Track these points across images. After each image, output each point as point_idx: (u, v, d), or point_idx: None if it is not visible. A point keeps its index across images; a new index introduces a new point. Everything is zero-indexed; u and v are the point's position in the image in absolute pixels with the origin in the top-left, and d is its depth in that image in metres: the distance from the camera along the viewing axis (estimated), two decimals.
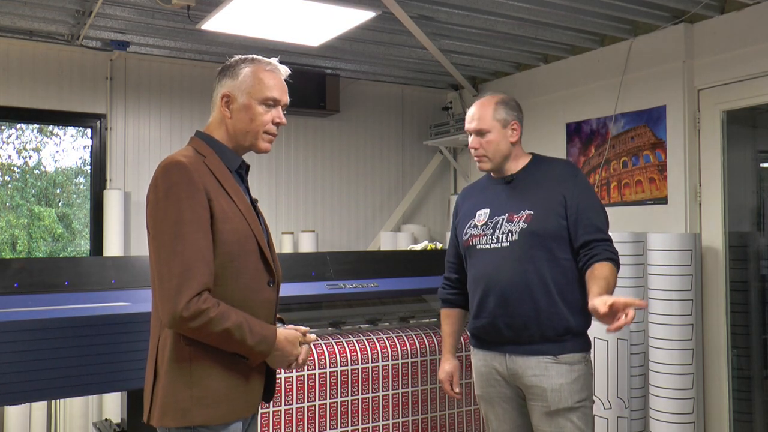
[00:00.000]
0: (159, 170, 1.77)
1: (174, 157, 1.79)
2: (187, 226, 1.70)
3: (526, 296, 2.33)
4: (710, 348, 3.87)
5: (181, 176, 1.73)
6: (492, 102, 2.47)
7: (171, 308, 1.66)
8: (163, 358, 1.76)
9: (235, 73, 1.88)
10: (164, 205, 1.72)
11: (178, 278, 1.67)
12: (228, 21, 3.65)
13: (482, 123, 2.46)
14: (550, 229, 2.34)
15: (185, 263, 1.68)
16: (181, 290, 1.66)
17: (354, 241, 5.68)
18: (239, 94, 1.86)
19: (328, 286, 3.02)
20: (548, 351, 2.33)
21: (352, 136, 5.71)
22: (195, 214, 1.72)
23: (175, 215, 1.70)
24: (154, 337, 1.82)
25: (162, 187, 1.73)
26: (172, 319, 1.67)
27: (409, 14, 3.93)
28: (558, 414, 2.31)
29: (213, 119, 1.92)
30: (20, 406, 3.65)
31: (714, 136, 3.92)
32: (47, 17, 4.05)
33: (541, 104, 4.94)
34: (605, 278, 2.21)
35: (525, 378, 2.36)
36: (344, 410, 2.83)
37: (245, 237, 1.82)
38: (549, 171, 2.46)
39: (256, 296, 1.84)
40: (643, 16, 4.01)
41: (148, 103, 4.91)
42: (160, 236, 1.72)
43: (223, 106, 1.87)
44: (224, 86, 1.88)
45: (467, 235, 2.50)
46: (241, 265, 1.80)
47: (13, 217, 5.13)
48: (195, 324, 1.67)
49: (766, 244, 4.02)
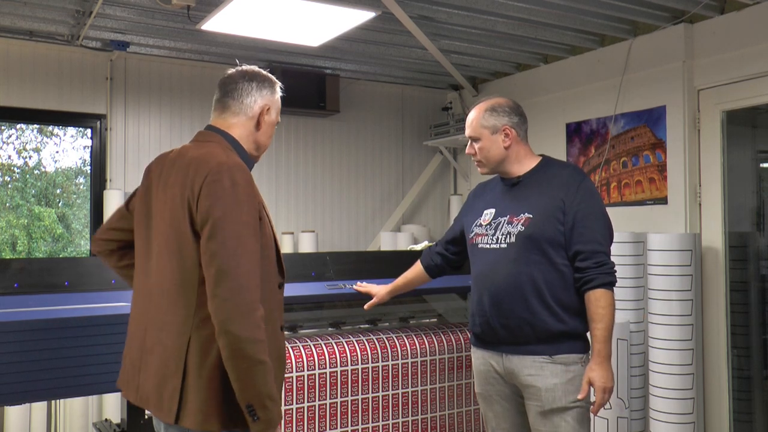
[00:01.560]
0: (216, 166, 1.75)
1: (230, 156, 1.80)
2: (247, 228, 1.72)
3: (518, 298, 2.35)
4: (710, 348, 3.87)
5: (243, 178, 1.75)
6: (481, 109, 2.49)
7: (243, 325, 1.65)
8: (197, 359, 1.72)
9: (274, 90, 2.00)
10: (227, 204, 1.71)
11: (248, 293, 1.67)
12: (228, 21, 3.65)
13: (472, 130, 2.52)
14: (546, 233, 2.35)
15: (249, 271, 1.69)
16: (254, 309, 1.67)
17: (354, 241, 5.68)
18: (273, 110, 1.99)
19: (328, 286, 3.02)
20: (543, 351, 2.35)
21: (352, 136, 5.72)
22: (252, 218, 1.74)
23: (236, 217, 1.71)
24: (175, 336, 1.76)
25: (224, 185, 1.72)
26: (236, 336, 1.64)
27: (409, 14, 3.93)
28: (552, 413, 2.32)
29: (238, 121, 1.94)
30: (20, 406, 3.65)
31: (714, 136, 3.92)
32: (47, 17, 4.06)
33: (541, 104, 4.94)
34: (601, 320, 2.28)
35: (521, 377, 2.37)
36: (344, 410, 2.83)
37: (272, 241, 1.88)
38: (555, 176, 2.45)
39: (274, 298, 1.88)
40: (643, 16, 4.01)
41: (148, 103, 4.91)
42: (220, 235, 1.69)
43: (264, 116, 1.96)
44: (265, 98, 1.97)
45: (472, 233, 2.53)
46: (268, 269, 1.84)
47: (13, 218, 5.13)
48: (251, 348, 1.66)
49: (766, 244, 4.03)
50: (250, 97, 1.94)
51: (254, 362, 1.66)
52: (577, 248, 2.33)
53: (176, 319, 1.77)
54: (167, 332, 1.78)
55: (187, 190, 1.76)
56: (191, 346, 1.73)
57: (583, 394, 2.29)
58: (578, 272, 2.34)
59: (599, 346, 2.28)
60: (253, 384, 1.67)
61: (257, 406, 1.67)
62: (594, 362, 2.28)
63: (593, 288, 2.30)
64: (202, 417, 1.71)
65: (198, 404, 1.71)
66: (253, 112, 1.94)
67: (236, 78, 1.96)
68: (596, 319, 2.29)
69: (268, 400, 1.68)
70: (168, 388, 1.75)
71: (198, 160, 1.80)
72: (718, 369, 3.84)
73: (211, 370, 1.71)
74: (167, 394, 1.75)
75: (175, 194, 1.80)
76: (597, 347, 2.28)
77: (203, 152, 1.82)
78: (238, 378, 1.67)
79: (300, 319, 3.13)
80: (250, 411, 1.68)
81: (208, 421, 1.71)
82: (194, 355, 1.73)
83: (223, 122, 1.94)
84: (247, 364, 1.66)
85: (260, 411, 1.68)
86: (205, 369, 1.71)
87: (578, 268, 2.33)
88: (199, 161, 1.79)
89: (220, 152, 1.81)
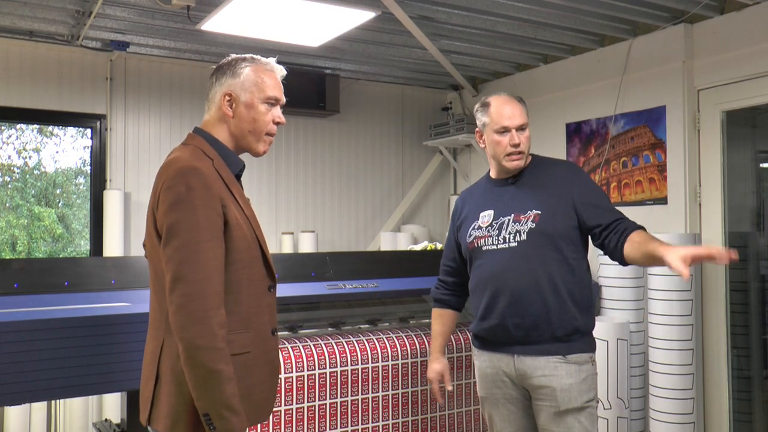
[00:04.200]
0: (173, 172, 1.73)
1: (188, 161, 1.75)
2: (203, 233, 1.68)
3: (536, 296, 2.33)
4: (710, 348, 3.87)
5: (199, 182, 1.71)
6: (518, 101, 2.50)
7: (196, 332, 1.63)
8: (169, 364, 1.73)
9: (235, 72, 1.87)
10: (181, 209, 1.69)
11: (202, 300, 1.64)
12: (228, 21, 3.65)
13: (524, 118, 2.47)
14: (559, 228, 2.35)
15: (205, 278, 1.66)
16: (209, 317, 1.64)
17: (354, 241, 5.68)
18: (242, 92, 1.86)
19: (328, 286, 3.02)
20: (557, 351, 2.34)
21: (352, 136, 5.72)
22: (210, 222, 1.70)
23: (191, 222, 1.68)
24: (154, 339, 1.79)
25: (178, 191, 1.70)
26: (190, 343, 1.63)
27: (409, 14, 3.93)
28: (567, 414, 2.31)
29: (211, 118, 1.90)
30: (20, 406, 3.65)
31: (714, 136, 3.92)
32: (47, 17, 4.05)
33: (541, 104, 4.94)
34: (653, 238, 2.22)
35: (534, 378, 2.35)
36: (344, 410, 2.83)
37: (252, 243, 1.82)
38: (552, 171, 2.47)
39: (262, 301, 1.85)
40: (643, 16, 4.01)
41: (148, 103, 4.91)
42: (174, 241, 1.68)
43: (226, 105, 1.86)
44: (225, 85, 1.87)
45: (471, 237, 2.50)
46: (251, 273, 1.80)
47: (13, 218, 5.13)
48: (205, 356, 1.63)
49: (766, 244, 4.03)
50: (212, 90, 1.89)
51: (208, 371, 1.63)
52: (599, 221, 2.35)
53: (154, 323, 1.80)
54: (150, 335, 1.82)
55: (154, 196, 1.77)
56: (164, 351, 1.74)
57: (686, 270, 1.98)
58: (609, 231, 2.32)
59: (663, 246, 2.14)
60: (207, 393, 1.64)
61: (213, 416, 1.65)
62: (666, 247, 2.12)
63: (633, 231, 2.29)
64: (170, 421, 1.71)
65: (168, 408, 1.72)
66: (216, 104, 1.88)
67: (211, 74, 1.93)
68: (650, 238, 2.22)
69: (225, 410, 1.65)
70: (146, 390, 1.77)
71: (165, 165, 1.78)
72: (718, 369, 3.84)
73: (180, 375, 1.69)
74: (144, 396, 1.78)
75: (150, 200, 1.81)
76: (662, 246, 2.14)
77: (172, 157, 1.80)
78: (194, 386, 1.65)
79: (300, 320, 3.13)
80: (207, 420, 1.65)
81: (176, 426, 1.71)
82: (166, 359, 1.73)
83: (206, 122, 1.91)
84: (202, 372, 1.63)
85: (216, 421, 1.65)
86: (175, 374, 1.71)
87: (606, 232, 2.33)
88: (165, 167, 1.77)
89: (187, 156, 1.77)
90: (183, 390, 1.70)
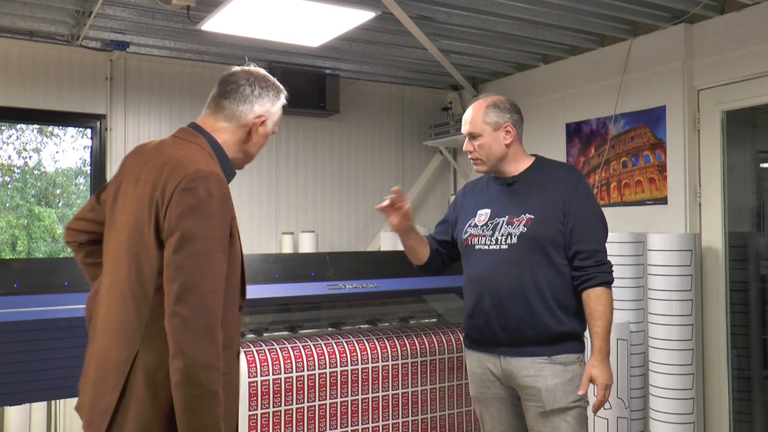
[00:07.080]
0: (192, 173, 1.60)
1: (207, 164, 1.65)
2: (218, 245, 1.59)
3: (521, 300, 2.34)
4: (710, 348, 3.87)
5: (219, 190, 1.61)
6: (482, 105, 2.48)
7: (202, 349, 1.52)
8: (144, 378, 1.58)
9: (275, 100, 1.85)
10: (200, 216, 1.57)
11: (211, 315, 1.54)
12: (228, 21, 3.65)
13: (473, 127, 2.48)
14: (549, 234, 2.35)
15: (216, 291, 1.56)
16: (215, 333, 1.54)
17: (354, 241, 5.68)
18: (270, 123, 1.84)
19: (328, 286, 3.02)
20: (542, 352, 2.34)
21: (352, 136, 5.72)
22: (223, 234, 1.61)
23: (207, 231, 1.57)
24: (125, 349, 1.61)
25: (198, 195, 1.58)
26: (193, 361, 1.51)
27: (408, 14, 3.93)
28: (553, 414, 2.32)
29: (228, 128, 1.80)
30: (20, 406, 3.65)
31: (714, 136, 3.92)
32: (47, 17, 4.06)
33: (541, 104, 4.94)
34: (602, 317, 2.29)
35: (520, 378, 2.37)
36: (344, 410, 2.83)
37: (239, 260, 1.74)
38: (552, 175, 2.46)
39: (234, 320, 1.72)
40: (643, 16, 4.01)
41: (148, 103, 4.91)
42: (188, 247, 1.55)
43: (258, 125, 1.81)
44: (263, 107, 1.82)
45: (467, 234, 2.51)
46: (234, 291, 1.71)
47: (13, 218, 5.13)
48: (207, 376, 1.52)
49: (765, 244, 4.03)
50: (247, 104, 1.79)
51: (207, 391, 1.52)
52: (578, 248, 2.34)
53: (125, 329, 1.62)
54: (115, 341, 1.63)
55: (158, 192, 1.61)
56: (138, 363, 1.58)
57: (583, 390, 2.29)
58: (578, 271, 2.34)
59: (600, 344, 2.28)
60: (201, 415, 1.52)
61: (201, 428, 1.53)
62: (595, 359, 2.28)
63: (594, 286, 2.31)
64: None
65: (136, 425, 1.56)
66: (246, 120, 1.79)
67: (238, 78, 1.81)
68: (597, 316, 2.29)
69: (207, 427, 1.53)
70: (103, 402, 1.61)
71: (174, 161, 1.64)
72: (718, 369, 3.84)
73: (157, 390, 1.56)
74: (100, 409, 1.61)
75: (145, 193, 1.64)
76: (597, 344, 2.29)
77: (181, 154, 1.66)
78: (186, 407, 1.51)
79: (300, 320, 3.13)
80: None
81: None
82: (140, 372, 1.58)
83: (212, 124, 1.79)
84: (199, 392, 1.51)
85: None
86: (151, 389, 1.57)
87: (578, 266, 2.34)
88: (176, 163, 1.63)
89: (200, 157, 1.66)
90: (158, 406, 1.57)
